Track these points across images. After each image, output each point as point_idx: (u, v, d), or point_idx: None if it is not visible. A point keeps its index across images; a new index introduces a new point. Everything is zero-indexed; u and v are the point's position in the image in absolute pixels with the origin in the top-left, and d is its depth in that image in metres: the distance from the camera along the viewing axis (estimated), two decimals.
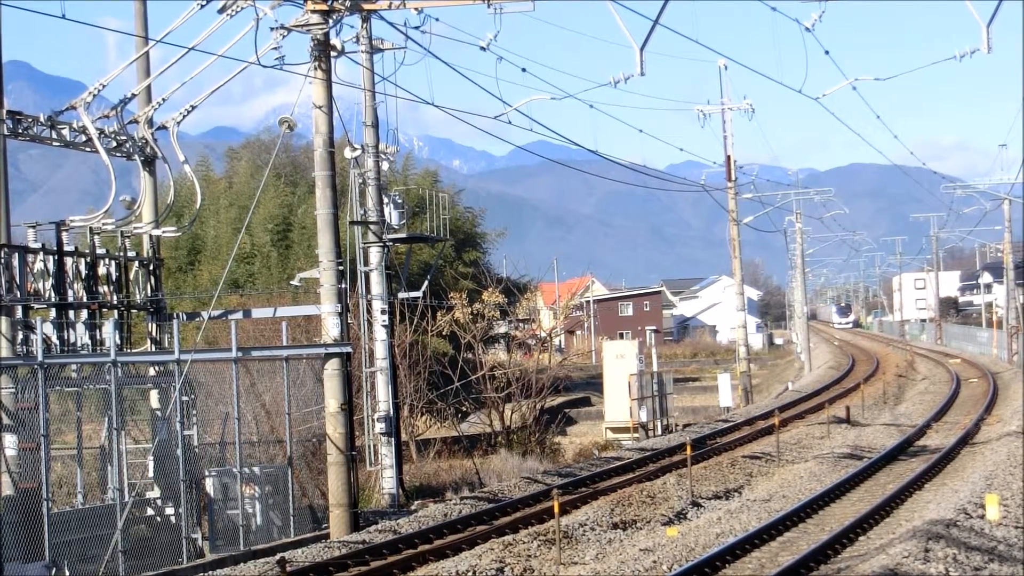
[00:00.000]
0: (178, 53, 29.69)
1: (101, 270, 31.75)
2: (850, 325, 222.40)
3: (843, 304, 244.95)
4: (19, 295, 28.98)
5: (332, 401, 29.77)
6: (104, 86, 31.12)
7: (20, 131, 29.38)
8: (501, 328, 64.48)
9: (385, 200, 35.16)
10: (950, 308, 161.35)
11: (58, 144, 30.93)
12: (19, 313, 29.07)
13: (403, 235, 36.58)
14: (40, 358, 26.68)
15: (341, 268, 30.19)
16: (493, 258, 77.37)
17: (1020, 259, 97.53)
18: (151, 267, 33.11)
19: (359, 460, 33.20)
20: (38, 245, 30.15)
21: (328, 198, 30.12)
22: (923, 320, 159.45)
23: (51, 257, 30.16)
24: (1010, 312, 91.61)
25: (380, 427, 34.79)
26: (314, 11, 29.58)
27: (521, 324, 67.07)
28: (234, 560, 27.78)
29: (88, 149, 31.03)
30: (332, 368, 29.86)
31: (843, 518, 26.43)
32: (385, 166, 35.74)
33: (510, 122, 36.09)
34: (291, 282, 34.81)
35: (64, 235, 30.79)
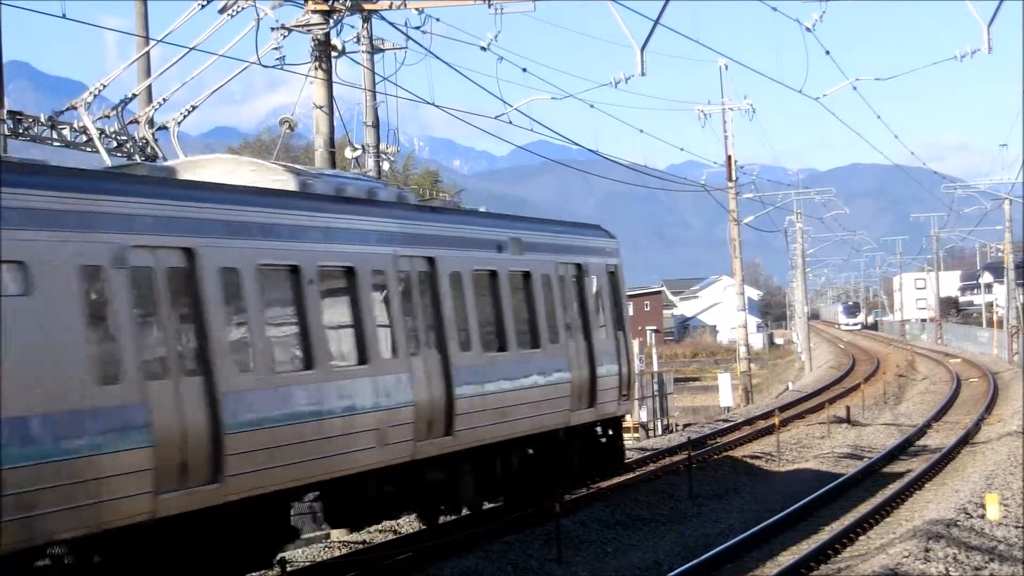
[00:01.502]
0: (179, 53, 29.72)
1: None
2: (859, 327, 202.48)
3: (850, 303, 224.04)
4: None
5: None
6: (105, 86, 31.15)
7: (20, 131, 29.39)
8: None
9: None
10: (951, 308, 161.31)
11: (59, 144, 30.95)
12: None
13: None
14: None
15: None
16: None
17: (1020, 259, 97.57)
18: None
19: None
20: None
21: None
22: (923, 320, 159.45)
23: None
24: (1010, 312, 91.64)
25: None
26: (315, 11, 29.61)
27: None
28: None
29: (89, 149, 31.04)
30: None
31: (844, 518, 26.45)
32: (386, 166, 35.80)
33: (511, 122, 36.15)
34: None
35: None
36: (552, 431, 26.11)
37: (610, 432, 29.44)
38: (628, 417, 52.75)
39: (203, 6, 30.31)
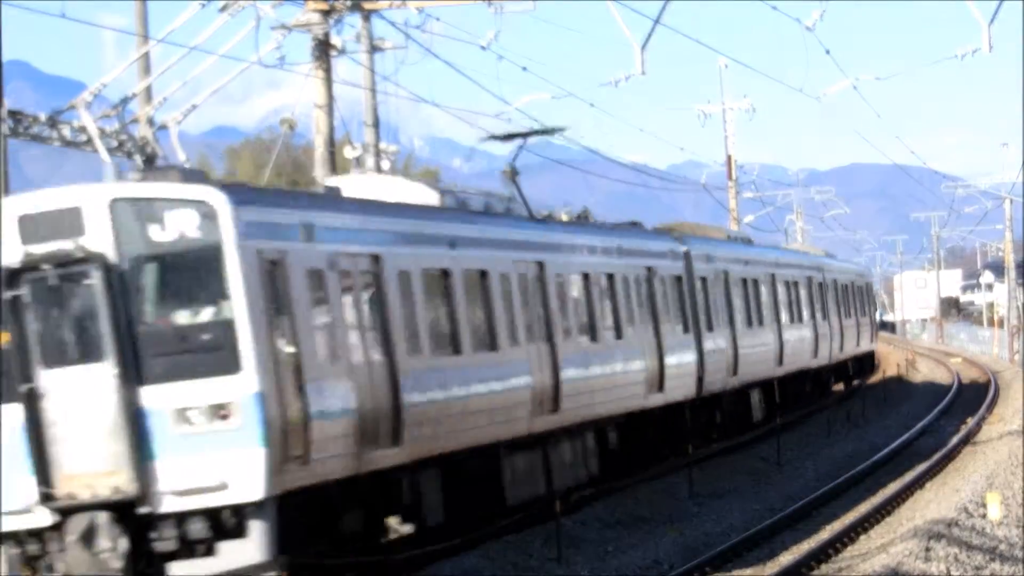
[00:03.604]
0: (179, 52, 29.71)
1: None
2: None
3: None
4: None
5: None
6: (104, 85, 31.09)
7: (21, 131, 29.37)
8: None
9: None
10: (951, 307, 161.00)
11: (59, 144, 30.93)
12: None
13: None
14: None
15: None
16: None
17: (1021, 258, 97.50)
18: None
19: None
20: None
21: None
22: (923, 319, 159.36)
23: None
24: (1011, 311, 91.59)
25: None
26: (314, 10, 29.60)
27: None
28: None
29: (89, 149, 31.01)
30: None
31: (844, 517, 26.42)
32: (386, 166, 35.75)
33: (511, 121, 36.11)
34: None
35: None
36: (860, 354, 58.06)
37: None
38: None
39: (203, 5, 30.27)
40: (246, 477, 17.31)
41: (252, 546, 17.43)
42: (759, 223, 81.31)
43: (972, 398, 57.04)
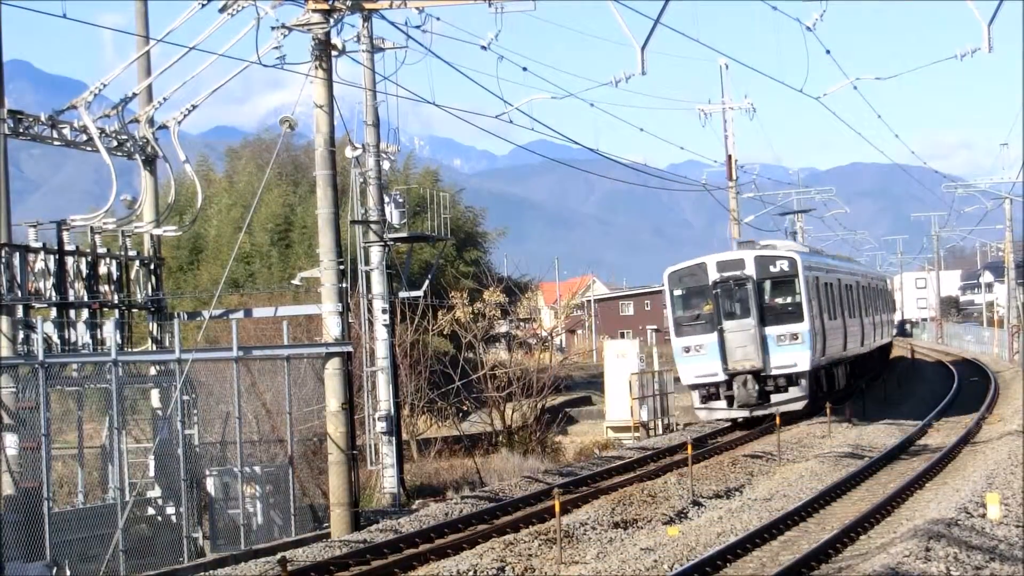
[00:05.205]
0: (179, 52, 29.70)
1: (102, 269, 31.77)
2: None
3: None
4: (20, 294, 29.00)
5: (333, 400, 29.78)
6: (105, 85, 31.11)
7: (21, 130, 29.38)
8: (502, 327, 64.45)
9: (386, 199, 35.15)
10: (951, 307, 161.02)
11: (59, 143, 30.94)
12: (20, 312, 29.09)
13: (404, 234, 36.57)
14: (41, 357, 26.69)
15: (342, 267, 30.20)
16: (494, 257, 77.30)
17: (1021, 258, 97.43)
18: (152, 266, 33.13)
19: (360, 459, 33.21)
20: (39, 244, 30.17)
21: (329, 197, 30.13)
22: (923, 319, 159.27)
23: (52, 256, 30.18)
24: (1011, 311, 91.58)
25: (381, 426, 34.80)
26: (315, 10, 29.58)
27: (522, 323, 67.04)
28: (235, 559, 27.79)
29: (89, 148, 31.03)
30: (333, 367, 29.87)
31: (844, 517, 26.42)
32: (386, 165, 35.72)
33: (511, 121, 36.15)
34: (292, 281, 34.83)
35: (65, 234, 30.80)
36: (892, 339, 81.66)
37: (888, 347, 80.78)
38: (630, 416, 52.92)
39: (203, 5, 30.29)
40: (802, 361, 45.36)
41: (801, 389, 45.57)
42: (759, 223, 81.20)
43: (972, 398, 57.08)
